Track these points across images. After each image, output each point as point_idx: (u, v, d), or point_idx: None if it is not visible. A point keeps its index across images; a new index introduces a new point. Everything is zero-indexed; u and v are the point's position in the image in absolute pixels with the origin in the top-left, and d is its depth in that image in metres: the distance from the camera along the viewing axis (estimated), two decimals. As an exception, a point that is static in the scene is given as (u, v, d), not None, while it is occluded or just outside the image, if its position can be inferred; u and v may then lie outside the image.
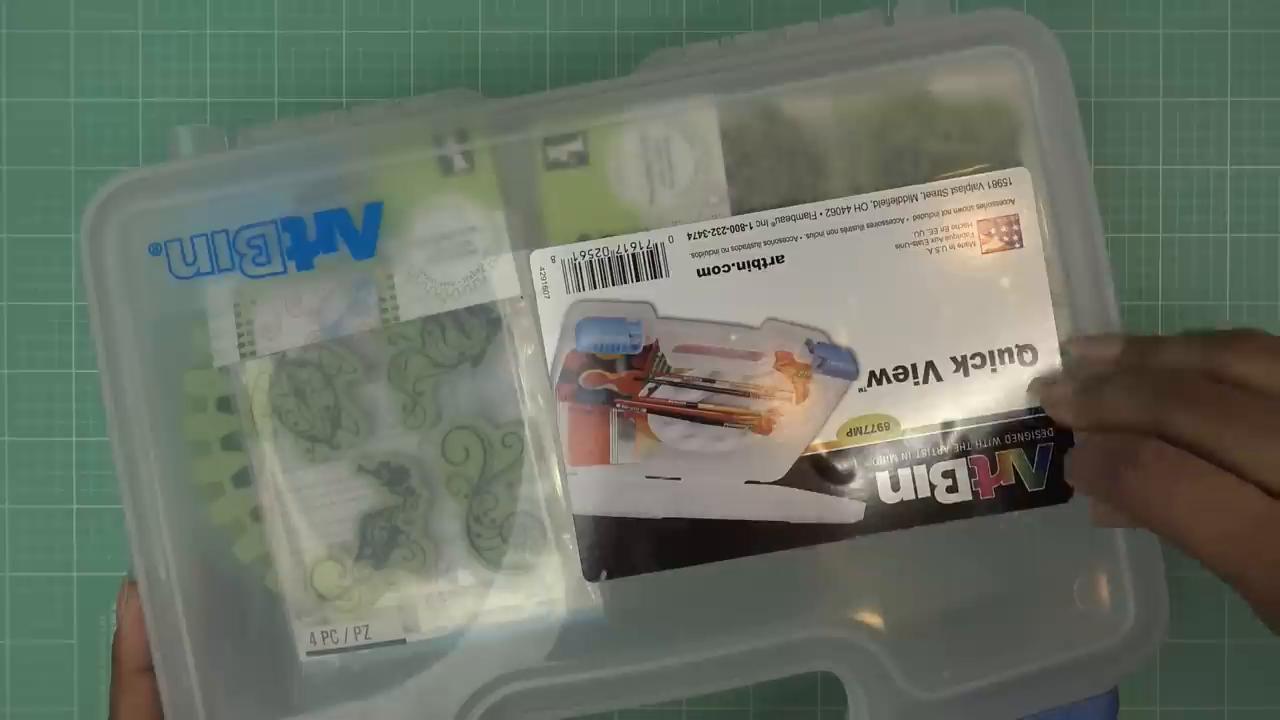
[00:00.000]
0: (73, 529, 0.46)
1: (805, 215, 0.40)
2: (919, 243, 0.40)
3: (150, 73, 0.46)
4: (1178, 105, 0.47)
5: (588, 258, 0.40)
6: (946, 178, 0.40)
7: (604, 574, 0.40)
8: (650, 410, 0.40)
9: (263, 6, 0.46)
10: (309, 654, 0.40)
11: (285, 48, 0.46)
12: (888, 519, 0.40)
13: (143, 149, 0.46)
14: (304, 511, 0.40)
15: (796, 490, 0.40)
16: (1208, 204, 0.46)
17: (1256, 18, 0.47)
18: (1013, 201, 0.40)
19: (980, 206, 0.40)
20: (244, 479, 0.41)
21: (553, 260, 0.40)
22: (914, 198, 0.40)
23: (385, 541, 0.40)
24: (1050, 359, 0.40)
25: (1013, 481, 0.40)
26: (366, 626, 0.40)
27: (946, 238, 0.40)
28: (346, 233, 0.40)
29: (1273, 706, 0.46)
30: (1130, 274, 0.46)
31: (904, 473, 0.40)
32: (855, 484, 0.40)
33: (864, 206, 0.40)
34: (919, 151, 0.40)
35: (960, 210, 0.40)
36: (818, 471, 0.40)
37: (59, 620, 0.46)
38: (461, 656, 0.40)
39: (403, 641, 0.40)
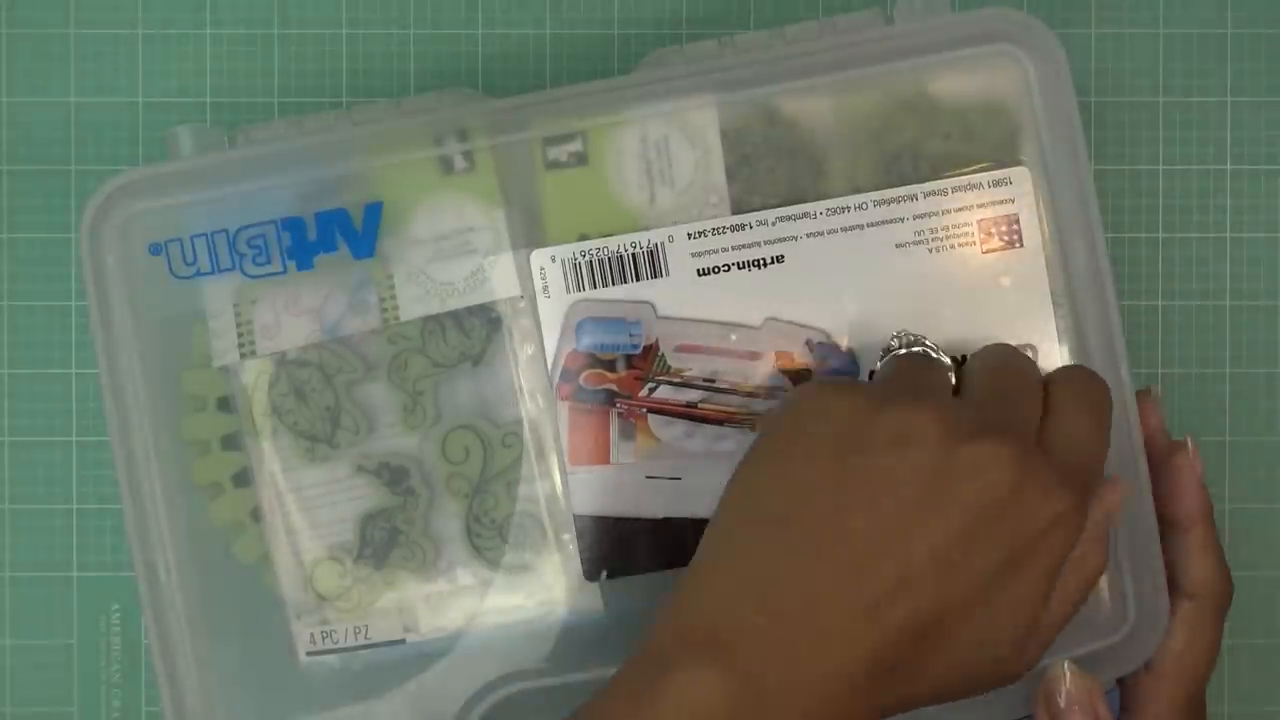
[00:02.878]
0: (73, 529, 0.46)
1: (805, 215, 0.40)
2: (919, 242, 0.40)
3: (150, 73, 0.46)
4: (1178, 105, 0.47)
5: (588, 257, 0.40)
6: (947, 177, 0.40)
7: (604, 574, 0.40)
8: (650, 410, 0.40)
9: (263, 6, 0.46)
10: (309, 654, 0.40)
11: (285, 48, 0.46)
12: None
13: (143, 149, 0.46)
14: (304, 511, 0.40)
15: (797, 490, 0.40)
16: (1208, 204, 0.46)
17: (1256, 18, 0.46)
18: (1013, 201, 0.40)
19: (980, 206, 0.40)
20: (244, 479, 0.41)
21: (553, 260, 0.40)
22: (914, 197, 0.40)
23: (385, 541, 0.40)
24: (1051, 358, 0.40)
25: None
26: (366, 626, 0.40)
27: (947, 237, 0.40)
28: (346, 232, 0.40)
29: (1273, 706, 0.46)
30: (1130, 274, 0.46)
31: (904, 472, 0.40)
32: (856, 484, 0.40)
33: (864, 206, 0.40)
34: (919, 151, 0.40)
35: (960, 210, 0.40)
36: (818, 471, 0.40)
37: (59, 620, 0.46)
38: (461, 657, 0.40)
39: (402, 641, 0.40)
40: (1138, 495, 0.39)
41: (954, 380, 0.37)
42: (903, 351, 0.38)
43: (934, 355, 0.38)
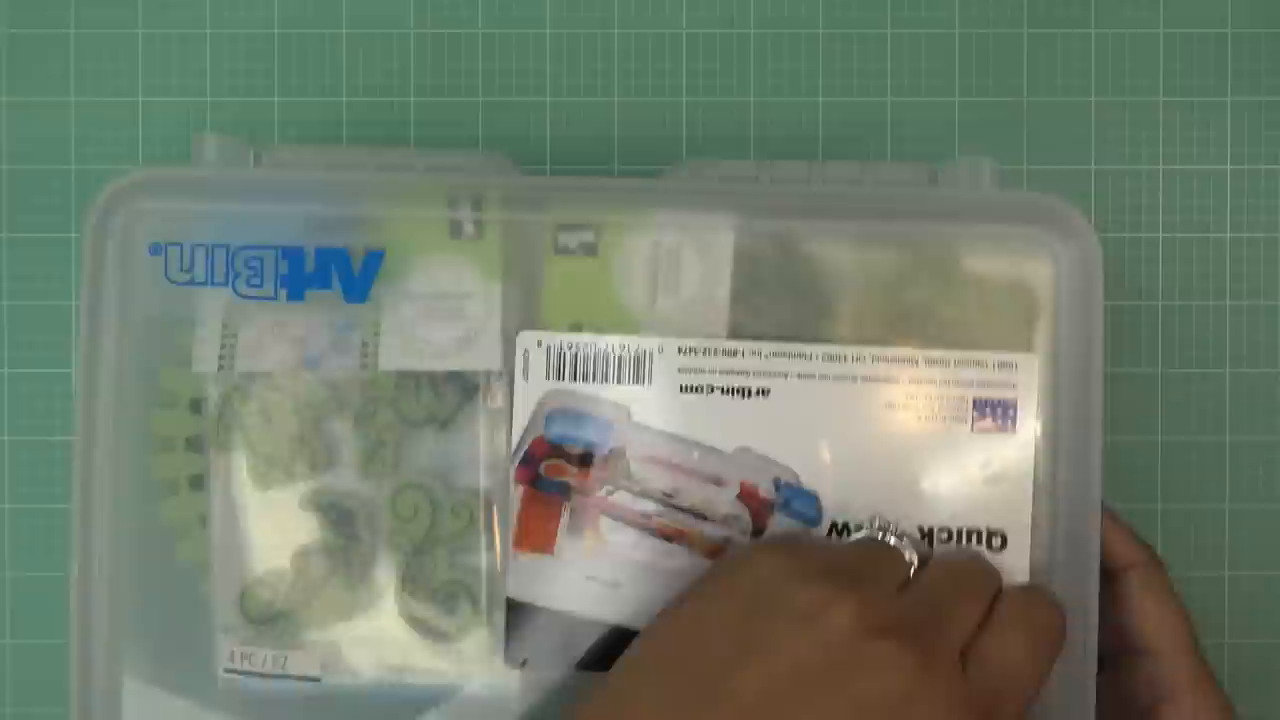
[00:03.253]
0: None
1: (800, 355, 0.39)
2: (909, 407, 0.39)
3: (150, 73, 0.46)
4: (1178, 105, 0.46)
5: (574, 350, 0.39)
6: (952, 349, 0.39)
7: (524, 661, 0.40)
8: (604, 512, 0.40)
9: (263, 6, 0.46)
10: (226, 671, 0.41)
11: (285, 48, 0.46)
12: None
13: (143, 149, 0.46)
14: (247, 532, 0.41)
15: (731, 626, 0.39)
16: (1208, 204, 0.46)
17: (1256, 18, 0.46)
18: (1014, 386, 0.39)
19: (980, 385, 0.39)
20: (200, 483, 0.41)
21: (538, 344, 0.40)
22: (915, 362, 0.39)
23: (320, 579, 0.40)
24: (1019, 551, 0.39)
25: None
26: (286, 657, 0.41)
27: (939, 408, 0.39)
28: (343, 273, 0.40)
29: (1273, 707, 0.46)
30: (1130, 274, 0.46)
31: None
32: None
33: (861, 359, 0.39)
34: (931, 314, 0.39)
35: (958, 384, 0.39)
36: (755, 613, 0.39)
37: (59, 620, 0.46)
38: (371, 708, 0.40)
39: (318, 680, 0.41)
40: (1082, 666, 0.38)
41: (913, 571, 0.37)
42: (868, 535, 0.38)
43: (899, 546, 0.37)
